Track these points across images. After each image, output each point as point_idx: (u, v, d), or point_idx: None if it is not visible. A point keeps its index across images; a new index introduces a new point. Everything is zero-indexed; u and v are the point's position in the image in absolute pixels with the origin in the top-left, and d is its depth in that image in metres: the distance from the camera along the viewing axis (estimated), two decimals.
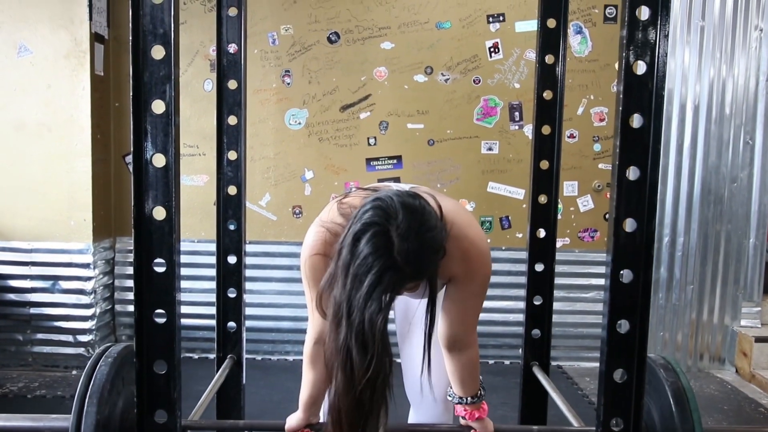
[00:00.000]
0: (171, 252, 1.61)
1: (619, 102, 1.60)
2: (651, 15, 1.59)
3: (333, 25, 3.53)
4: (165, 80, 1.57)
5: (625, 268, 1.65)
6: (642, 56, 1.60)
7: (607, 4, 3.53)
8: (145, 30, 1.56)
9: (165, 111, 1.58)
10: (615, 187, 1.62)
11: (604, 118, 3.58)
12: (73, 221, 3.33)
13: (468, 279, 1.61)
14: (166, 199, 1.59)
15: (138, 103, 1.58)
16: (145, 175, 1.59)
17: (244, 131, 2.44)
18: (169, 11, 1.55)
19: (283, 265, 3.64)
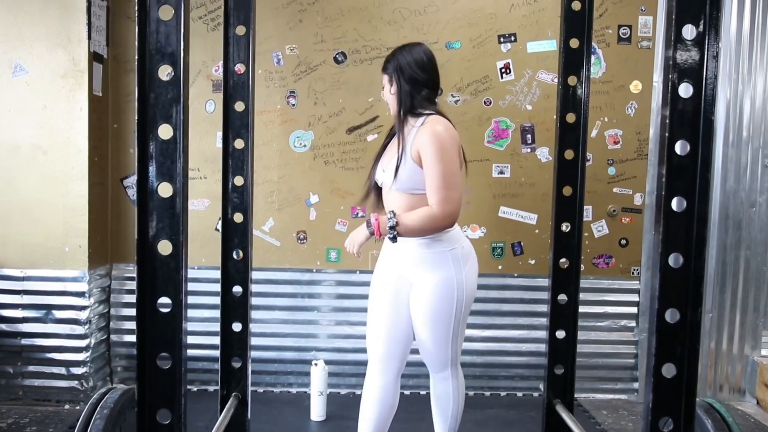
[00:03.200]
0: (178, 290, 1.47)
1: (665, 127, 1.48)
2: (698, 34, 1.47)
3: (340, 44, 3.43)
4: (173, 103, 1.44)
5: (671, 307, 1.52)
6: (688, 78, 1.48)
7: (621, 24, 3.43)
8: (152, 49, 1.44)
9: (173, 136, 1.45)
10: (661, 219, 1.50)
11: (618, 140, 3.47)
12: (68, 247, 3.19)
13: (429, 155, 2.12)
14: (173, 232, 1.46)
15: (144, 127, 1.45)
16: (151, 206, 1.46)
17: (251, 155, 2.31)
18: (177, 29, 1.43)
19: (287, 293, 3.50)
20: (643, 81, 3.46)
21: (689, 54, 1.47)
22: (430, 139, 2.12)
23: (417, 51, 2.27)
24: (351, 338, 3.51)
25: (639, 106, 3.47)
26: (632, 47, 3.44)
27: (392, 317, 2.30)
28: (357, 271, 3.49)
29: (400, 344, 2.30)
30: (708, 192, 1.48)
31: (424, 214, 2.14)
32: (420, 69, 2.24)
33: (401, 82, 2.24)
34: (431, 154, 2.12)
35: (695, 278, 1.50)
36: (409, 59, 2.25)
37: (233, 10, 2.23)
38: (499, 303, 3.53)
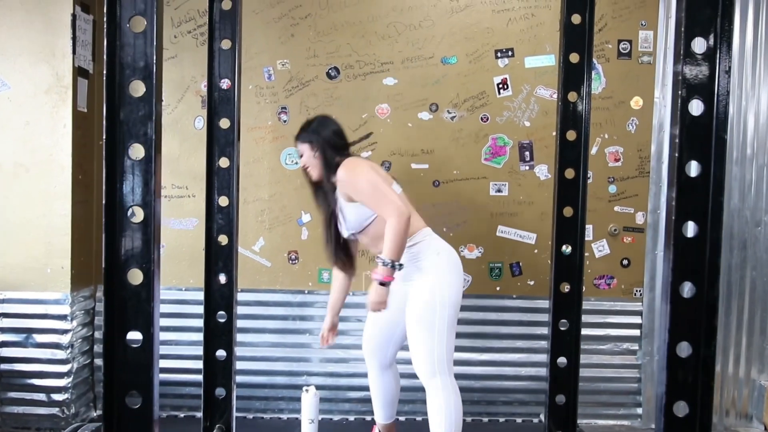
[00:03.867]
0: (149, 323, 1.36)
1: (674, 147, 1.38)
2: (708, 48, 1.38)
3: (332, 59, 3.34)
4: (145, 120, 1.33)
5: (682, 340, 1.41)
6: (699, 94, 1.38)
7: (621, 39, 3.35)
8: (123, 63, 1.33)
9: (144, 156, 1.34)
10: (671, 245, 1.39)
11: (619, 158, 3.38)
12: (50, 269, 3.08)
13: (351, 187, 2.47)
14: (145, 260, 1.35)
15: (113, 146, 1.34)
16: (120, 232, 1.35)
17: (236, 174, 2.21)
18: (151, 42, 1.33)
19: (278, 315, 3.38)
20: (644, 97, 3.37)
21: (699, 69, 1.37)
22: (344, 176, 2.46)
23: (333, 122, 2.65)
24: (344, 362, 3.39)
25: (640, 123, 3.37)
26: (632, 62, 3.36)
27: (382, 318, 2.66)
28: (351, 293, 3.37)
29: (386, 339, 2.74)
30: (721, 217, 1.38)
31: (388, 231, 2.38)
32: (339, 138, 2.62)
33: (326, 150, 2.55)
34: (353, 184, 2.46)
35: (708, 309, 1.39)
36: (329, 132, 2.60)
37: (218, 23, 2.14)
38: (498, 325, 3.41)
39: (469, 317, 3.35)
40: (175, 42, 3.31)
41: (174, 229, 3.35)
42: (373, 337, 2.77)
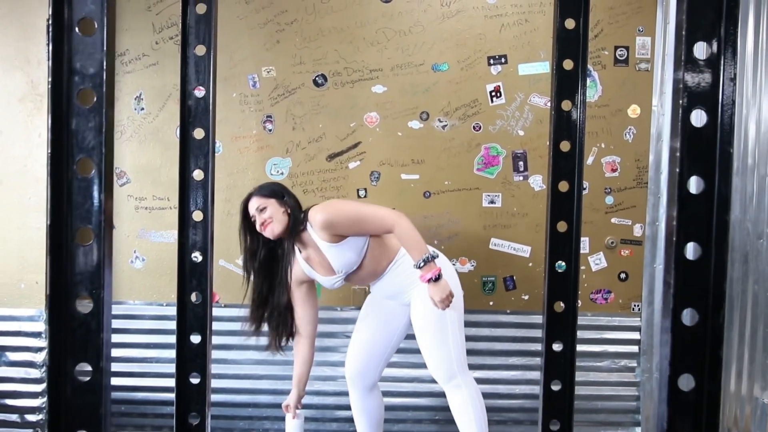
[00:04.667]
0: (98, 355, 1.24)
1: (675, 161, 1.26)
2: (711, 53, 1.26)
3: (319, 66, 3.23)
4: (94, 133, 1.22)
5: (684, 372, 1.29)
6: (701, 104, 1.27)
7: (617, 45, 3.24)
8: (70, 70, 1.22)
9: (94, 173, 1.23)
10: (672, 269, 1.27)
11: (616, 168, 3.27)
12: (24, 284, 2.96)
13: (336, 222, 2.44)
14: (94, 286, 1.23)
15: (58, 162, 1.22)
16: (66, 258, 1.23)
17: (212, 188, 2.09)
18: (101, 45, 1.21)
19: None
20: (642, 105, 3.26)
21: (702, 76, 1.26)
22: (325, 215, 2.43)
23: None
24: (332, 380, 3.26)
25: (638, 132, 3.26)
26: (630, 69, 3.25)
27: (373, 334, 2.69)
28: (338, 308, 3.25)
29: (373, 360, 2.70)
30: (727, 237, 1.26)
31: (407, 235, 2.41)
32: None
33: (295, 208, 2.56)
34: (338, 217, 2.44)
35: (713, 339, 1.27)
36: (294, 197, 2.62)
37: (192, 27, 2.02)
38: (491, 342, 3.29)
39: None
40: (156, 48, 3.20)
41: (154, 242, 3.24)
42: (358, 359, 2.71)
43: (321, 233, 2.47)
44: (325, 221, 2.42)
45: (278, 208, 2.51)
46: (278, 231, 2.49)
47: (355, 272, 2.57)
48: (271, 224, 2.49)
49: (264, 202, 2.51)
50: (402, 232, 2.41)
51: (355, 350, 2.71)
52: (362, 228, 2.47)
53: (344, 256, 2.51)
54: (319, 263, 2.57)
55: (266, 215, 2.49)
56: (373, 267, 2.57)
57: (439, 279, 2.39)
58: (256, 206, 2.52)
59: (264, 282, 2.61)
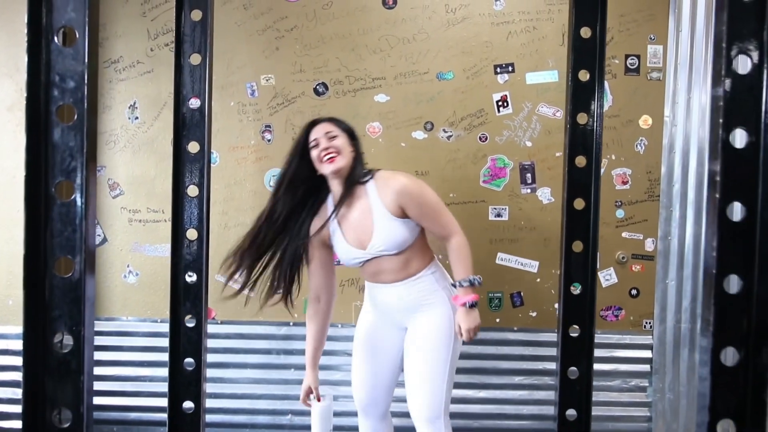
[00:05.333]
0: (78, 400, 1.12)
1: (715, 186, 1.15)
2: (754, 67, 1.15)
3: (320, 75, 3.11)
4: (75, 154, 1.10)
5: (724, 417, 1.18)
6: (743, 123, 1.16)
7: (628, 54, 3.14)
8: (50, 82, 1.11)
9: (76, 197, 1.11)
10: (712, 304, 1.16)
11: (627, 180, 3.16)
12: (12, 300, 2.84)
13: (411, 197, 2.20)
14: (75, 323, 1.12)
15: (35, 185, 1.11)
16: (44, 288, 1.12)
17: (207, 204, 1.97)
18: (82, 56, 1.10)
19: (261, 348, 3.14)
20: (654, 116, 3.15)
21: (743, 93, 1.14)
22: (407, 188, 2.20)
23: None
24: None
25: (649, 143, 3.16)
26: (641, 79, 3.14)
27: (377, 365, 2.43)
28: (339, 324, 3.14)
29: (383, 390, 2.45)
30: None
31: (463, 251, 2.25)
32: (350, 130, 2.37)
33: (357, 148, 2.31)
34: (418, 200, 2.21)
35: (756, 381, 1.16)
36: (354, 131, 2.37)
37: (187, 35, 1.91)
38: (497, 360, 3.17)
39: (467, 351, 3.09)
40: (151, 55, 3.09)
41: (148, 256, 3.12)
42: (366, 391, 2.45)
43: (390, 197, 2.20)
44: (407, 189, 2.19)
45: (348, 144, 2.26)
46: (342, 165, 2.21)
47: (386, 259, 2.26)
48: (338, 157, 2.21)
49: (336, 131, 2.26)
50: (461, 244, 2.24)
51: (361, 382, 2.46)
52: (431, 217, 2.24)
53: (396, 233, 2.21)
54: (354, 229, 2.26)
55: (336, 143, 2.23)
56: (404, 264, 2.27)
57: (474, 307, 2.22)
58: (326, 131, 2.25)
59: (289, 214, 2.26)
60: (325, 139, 2.23)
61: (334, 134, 2.24)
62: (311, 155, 2.25)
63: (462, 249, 2.25)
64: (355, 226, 2.26)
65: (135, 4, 3.06)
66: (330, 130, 2.25)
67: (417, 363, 2.30)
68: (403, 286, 2.29)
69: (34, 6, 1.08)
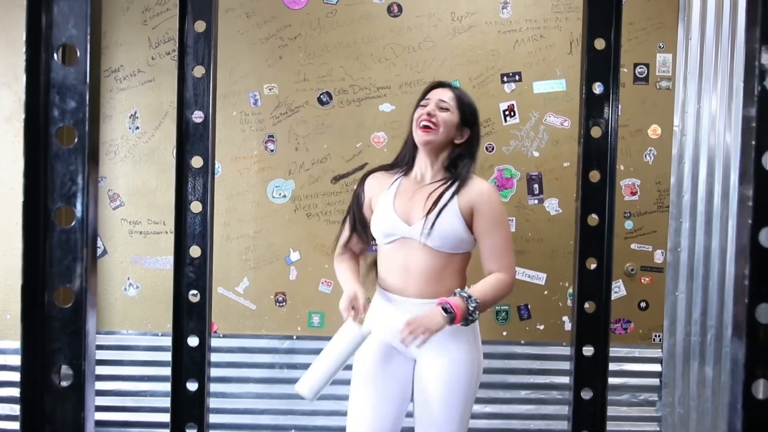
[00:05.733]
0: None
1: (747, 211, 1.10)
2: None
3: (324, 84, 3.06)
4: (74, 176, 1.05)
5: None
6: None
7: (637, 62, 3.09)
8: (49, 102, 1.06)
9: (76, 224, 1.06)
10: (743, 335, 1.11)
11: (636, 191, 3.10)
12: (9, 315, 2.78)
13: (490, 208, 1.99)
14: (74, 356, 1.08)
15: (33, 211, 1.06)
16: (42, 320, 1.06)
17: (211, 220, 1.92)
18: (83, 76, 1.05)
19: (264, 362, 3.08)
20: (663, 125, 3.10)
21: None
22: (492, 197, 2.03)
23: None
24: (336, 415, 3.08)
25: (658, 153, 3.11)
26: (650, 88, 3.09)
27: (381, 401, 2.06)
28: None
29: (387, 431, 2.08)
30: None
31: (498, 285, 1.99)
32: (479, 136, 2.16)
33: (474, 132, 2.11)
34: (495, 214, 2.02)
35: None
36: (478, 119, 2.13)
37: (190, 47, 1.86)
38: (504, 374, 3.11)
39: None
40: (152, 64, 3.04)
41: (150, 269, 3.06)
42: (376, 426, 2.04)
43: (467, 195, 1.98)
44: (490, 195, 2.00)
45: (454, 125, 2.04)
46: (432, 139, 2.00)
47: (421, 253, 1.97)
48: (434, 129, 2.00)
49: (452, 104, 2.04)
50: (503, 281, 1.99)
51: (361, 421, 2.05)
52: (494, 239, 1.99)
53: (452, 227, 1.96)
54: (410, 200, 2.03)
55: (443, 116, 2.02)
56: (438, 273, 1.98)
57: (447, 320, 1.86)
58: (441, 98, 2.04)
59: None
60: (434, 104, 2.03)
61: (446, 106, 2.03)
62: (414, 114, 2.07)
63: (500, 283, 1.98)
64: (411, 198, 2.03)
65: (136, 12, 3.01)
66: (445, 100, 2.04)
67: (429, 407, 2.01)
68: (427, 306, 1.93)
69: (33, 21, 1.03)
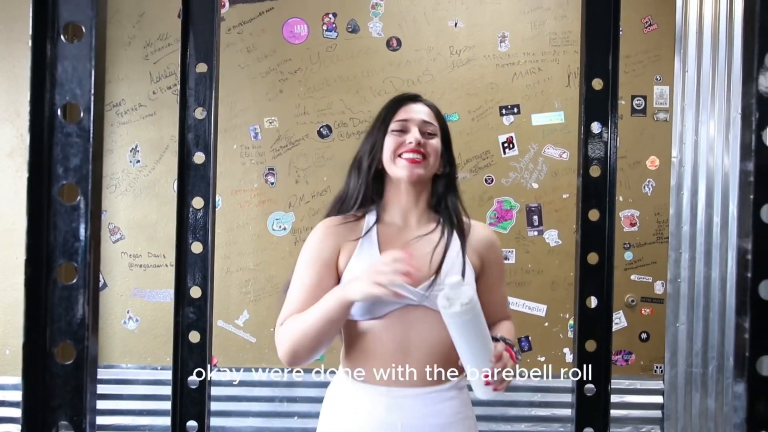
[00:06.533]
0: None
1: (746, 265, 1.11)
2: None
3: (324, 117, 3.09)
4: (75, 233, 1.06)
5: None
6: None
7: (634, 94, 3.12)
8: (52, 159, 1.07)
9: (78, 280, 1.06)
10: (744, 383, 1.11)
11: (635, 222, 3.11)
12: (9, 350, 2.77)
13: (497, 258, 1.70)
14: (76, 412, 1.07)
15: (35, 269, 1.06)
16: (44, 376, 1.06)
17: (212, 262, 1.92)
18: (86, 134, 1.06)
19: (264, 396, 3.06)
20: (661, 157, 3.12)
21: None
22: (498, 245, 1.72)
23: None
24: None
25: (657, 184, 3.12)
26: (648, 119, 3.12)
27: None
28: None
29: None
30: None
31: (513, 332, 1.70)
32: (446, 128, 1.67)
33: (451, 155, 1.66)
34: (502, 264, 1.73)
35: None
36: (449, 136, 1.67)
37: (191, 89, 1.87)
38: (505, 407, 3.10)
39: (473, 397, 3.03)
40: (153, 99, 3.06)
41: (149, 302, 3.06)
42: None
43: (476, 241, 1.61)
44: (497, 243, 1.71)
45: (439, 153, 1.58)
46: (423, 173, 1.53)
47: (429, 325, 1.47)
48: (428, 159, 1.53)
49: (435, 127, 1.59)
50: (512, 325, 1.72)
51: None
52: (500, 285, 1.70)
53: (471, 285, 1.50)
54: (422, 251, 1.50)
55: (433, 144, 1.56)
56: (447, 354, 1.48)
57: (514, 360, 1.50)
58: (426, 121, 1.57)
59: None
60: (417, 128, 1.55)
61: (433, 130, 1.58)
62: (385, 141, 1.57)
63: (513, 330, 1.71)
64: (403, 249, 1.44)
65: (137, 47, 3.04)
66: (429, 121, 1.58)
67: None
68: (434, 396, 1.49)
69: (36, 86, 1.04)
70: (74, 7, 1.07)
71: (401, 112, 1.61)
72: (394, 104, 1.64)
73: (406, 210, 1.60)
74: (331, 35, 3.08)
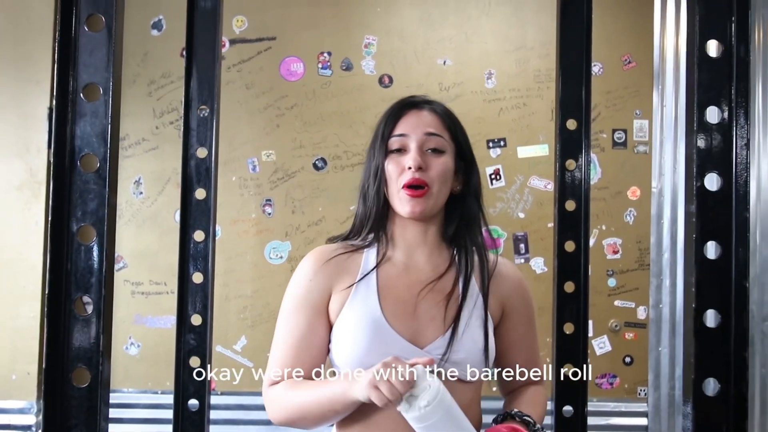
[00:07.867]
0: None
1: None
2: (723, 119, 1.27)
3: (319, 150, 3.23)
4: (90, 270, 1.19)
5: None
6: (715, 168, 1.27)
7: (615, 128, 3.27)
8: (72, 203, 1.20)
9: (92, 313, 1.19)
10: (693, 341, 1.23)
11: (618, 250, 3.24)
12: (15, 375, 2.87)
13: (525, 305, 1.50)
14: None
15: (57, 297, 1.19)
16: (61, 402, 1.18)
17: (211, 291, 2.04)
18: (103, 182, 1.20)
19: (261, 420, 3.16)
20: (642, 187, 3.26)
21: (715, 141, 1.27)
22: (527, 291, 1.49)
23: None
24: None
25: (638, 214, 3.26)
26: (628, 152, 3.26)
27: None
28: None
29: None
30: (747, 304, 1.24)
31: (544, 402, 1.49)
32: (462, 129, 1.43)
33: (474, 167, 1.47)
34: (532, 313, 1.50)
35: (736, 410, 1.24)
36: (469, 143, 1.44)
37: (193, 130, 2.01)
38: None
39: None
40: (156, 133, 3.21)
41: (150, 328, 3.17)
42: None
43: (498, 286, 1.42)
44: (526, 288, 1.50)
45: (451, 167, 1.37)
46: (425, 206, 1.34)
47: None
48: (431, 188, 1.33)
49: (446, 139, 1.36)
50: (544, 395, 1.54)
51: None
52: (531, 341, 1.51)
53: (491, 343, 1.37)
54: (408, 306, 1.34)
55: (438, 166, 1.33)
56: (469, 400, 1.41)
57: None
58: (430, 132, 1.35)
59: None
60: (417, 146, 1.33)
61: (439, 146, 1.35)
62: (386, 165, 1.36)
63: (544, 400, 1.51)
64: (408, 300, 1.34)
65: (142, 84, 3.19)
66: (435, 132, 1.35)
67: None
68: None
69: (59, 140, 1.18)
70: (93, 70, 1.21)
71: (401, 124, 1.37)
72: (393, 114, 1.39)
73: (413, 247, 1.41)
74: (325, 73, 3.23)
